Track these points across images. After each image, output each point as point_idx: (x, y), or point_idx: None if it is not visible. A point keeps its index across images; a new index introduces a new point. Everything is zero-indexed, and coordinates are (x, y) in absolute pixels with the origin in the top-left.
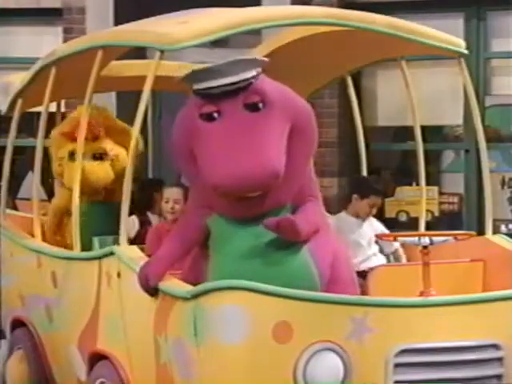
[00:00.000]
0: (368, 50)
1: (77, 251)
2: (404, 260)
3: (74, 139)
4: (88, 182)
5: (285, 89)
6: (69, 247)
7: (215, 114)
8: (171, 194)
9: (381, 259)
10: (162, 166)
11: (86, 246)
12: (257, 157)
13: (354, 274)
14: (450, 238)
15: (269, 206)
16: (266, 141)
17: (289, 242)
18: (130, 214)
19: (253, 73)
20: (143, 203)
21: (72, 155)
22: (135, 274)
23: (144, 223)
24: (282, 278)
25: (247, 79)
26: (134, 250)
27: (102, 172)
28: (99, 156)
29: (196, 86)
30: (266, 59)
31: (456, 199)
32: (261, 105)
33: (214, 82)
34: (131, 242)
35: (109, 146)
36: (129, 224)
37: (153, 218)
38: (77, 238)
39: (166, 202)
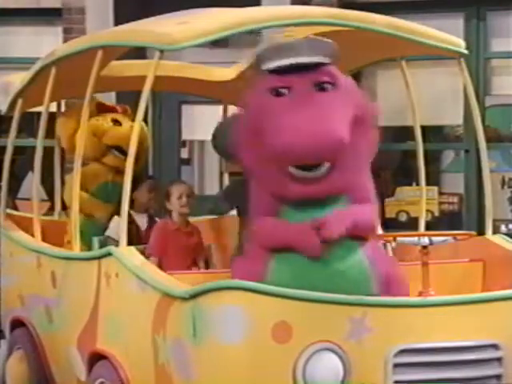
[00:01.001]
0: (368, 50)
1: (76, 251)
2: None
3: (115, 110)
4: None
5: (353, 82)
6: None
7: (284, 90)
8: (183, 189)
9: None
10: (162, 165)
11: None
12: (323, 124)
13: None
14: (450, 237)
15: (326, 190)
16: (332, 114)
17: (348, 244)
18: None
19: (326, 59)
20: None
21: (116, 122)
22: (133, 275)
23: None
24: (337, 279)
25: (320, 61)
26: (132, 250)
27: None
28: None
29: (268, 64)
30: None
31: (456, 199)
32: (329, 86)
33: (286, 60)
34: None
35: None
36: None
37: (136, 217)
38: (76, 238)
39: (179, 197)
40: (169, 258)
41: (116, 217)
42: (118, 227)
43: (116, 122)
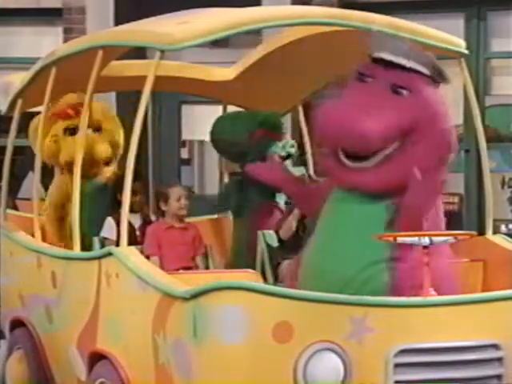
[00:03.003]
0: (368, 50)
1: (77, 251)
2: None
3: (66, 117)
4: (92, 154)
5: (437, 106)
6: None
7: (369, 79)
8: (180, 191)
9: None
10: (162, 165)
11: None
12: (361, 116)
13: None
14: (450, 237)
15: (367, 183)
16: (382, 112)
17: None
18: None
19: (423, 69)
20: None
21: (67, 130)
22: (133, 275)
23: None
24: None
25: (413, 68)
26: (133, 250)
27: (104, 143)
28: (98, 128)
29: (377, 50)
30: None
31: (456, 199)
32: (405, 92)
33: (393, 56)
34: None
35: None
36: (110, 226)
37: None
38: (76, 238)
39: (178, 200)
40: (166, 256)
41: (109, 218)
42: (113, 227)
43: (71, 131)
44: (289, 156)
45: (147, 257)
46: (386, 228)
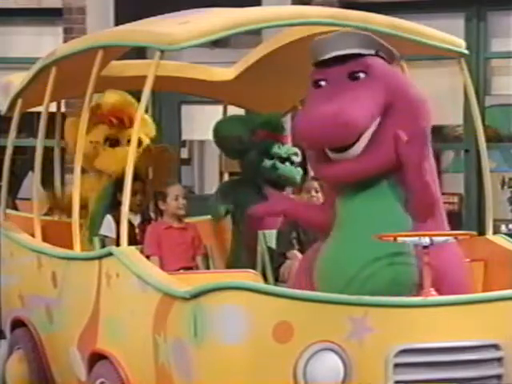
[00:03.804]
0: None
1: (77, 251)
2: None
3: (110, 124)
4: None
5: (395, 71)
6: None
7: (322, 82)
8: (179, 190)
9: None
10: None
11: None
12: (332, 109)
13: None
14: (450, 237)
15: (359, 170)
16: (350, 99)
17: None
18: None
19: (363, 50)
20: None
21: (107, 140)
22: (134, 275)
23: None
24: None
25: (356, 53)
26: (133, 250)
27: (142, 158)
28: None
29: (313, 58)
30: (394, 53)
31: (456, 199)
32: (362, 75)
33: (324, 54)
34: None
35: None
36: (109, 223)
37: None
38: (76, 238)
39: (176, 199)
40: (165, 256)
41: (108, 215)
42: (112, 225)
43: (113, 142)
44: (288, 160)
45: (147, 257)
46: (405, 205)
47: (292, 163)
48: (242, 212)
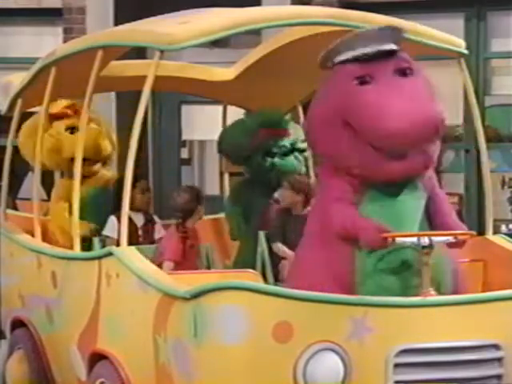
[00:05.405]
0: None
1: (77, 251)
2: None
3: (65, 116)
4: (96, 148)
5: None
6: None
7: (368, 78)
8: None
9: None
10: (162, 165)
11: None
12: (424, 107)
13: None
14: (450, 238)
15: (410, 169)
16: (425, 96)
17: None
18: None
19: (399, 46)
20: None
21: (68, 129)
22: (134, 275)
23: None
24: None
25: (398, 48)
26: (133, 250)
27: (106, 139)
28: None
29: (346, 54)
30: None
31: (456, 199)
32: (409, 71)
33: (368, 48)
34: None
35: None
36: (113, 224)
37: (133, 216)
38: (76, 238)
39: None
40: (183, 262)
41: (112, 216)
42: (116, 226)
43: (71, 129)
44: (295, 150)
45: (161, 261)
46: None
47: (301, 151)
48: (253, 212)
